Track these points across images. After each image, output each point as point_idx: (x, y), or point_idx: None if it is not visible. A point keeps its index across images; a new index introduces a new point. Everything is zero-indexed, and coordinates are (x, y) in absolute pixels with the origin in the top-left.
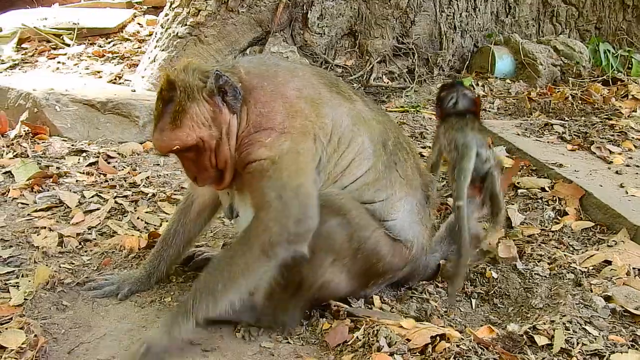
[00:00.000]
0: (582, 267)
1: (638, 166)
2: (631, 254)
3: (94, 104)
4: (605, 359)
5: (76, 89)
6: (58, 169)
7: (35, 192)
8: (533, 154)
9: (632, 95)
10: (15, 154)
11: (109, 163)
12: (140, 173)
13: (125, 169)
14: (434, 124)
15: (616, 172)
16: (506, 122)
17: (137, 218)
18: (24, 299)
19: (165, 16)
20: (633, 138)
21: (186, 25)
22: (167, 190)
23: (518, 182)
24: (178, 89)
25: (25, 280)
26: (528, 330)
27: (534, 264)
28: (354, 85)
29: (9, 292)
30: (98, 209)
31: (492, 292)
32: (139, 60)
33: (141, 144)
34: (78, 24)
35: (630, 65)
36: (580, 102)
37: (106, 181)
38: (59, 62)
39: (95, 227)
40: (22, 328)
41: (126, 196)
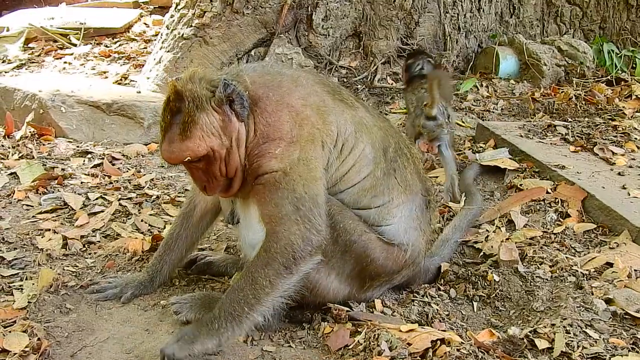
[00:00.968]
0: (584, 270)
1: None
2: (633, 256)
3: (99, 105)
4: None
5: (82, 90)
6: (63, 170)
7: (40, 194)
8: (536, 155)
9: (636, 96)
10: (20, 155)
11: (113, 165)
12: (144, 175)
13: (129, 170)
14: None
15: (619, 174)
16: (509, 123)
17: (141, 220)
18: (28, 302)
19: (171, 17)
20: (636, 139)
21: (191, 26)
22: (171, 193)
23: (520, 184)
24: (186, 99)
25: (29, 283)
26: (529, 333)
27: (535, 266)
28: (358, 86)
29: (12, 295)
30: (102, 211)
31: (494, 295)
32: (144, 61)
33: (146, 145)
34: (85, 23)
35: (634, 65)
36: (583, 102)
37: (111, 183)
38: (65, 62)
39: (99, 229)
40: (25, 331)
41: (130, 198)
